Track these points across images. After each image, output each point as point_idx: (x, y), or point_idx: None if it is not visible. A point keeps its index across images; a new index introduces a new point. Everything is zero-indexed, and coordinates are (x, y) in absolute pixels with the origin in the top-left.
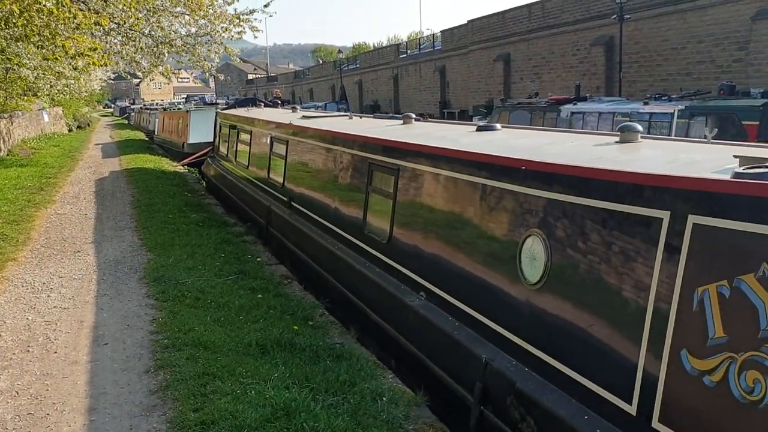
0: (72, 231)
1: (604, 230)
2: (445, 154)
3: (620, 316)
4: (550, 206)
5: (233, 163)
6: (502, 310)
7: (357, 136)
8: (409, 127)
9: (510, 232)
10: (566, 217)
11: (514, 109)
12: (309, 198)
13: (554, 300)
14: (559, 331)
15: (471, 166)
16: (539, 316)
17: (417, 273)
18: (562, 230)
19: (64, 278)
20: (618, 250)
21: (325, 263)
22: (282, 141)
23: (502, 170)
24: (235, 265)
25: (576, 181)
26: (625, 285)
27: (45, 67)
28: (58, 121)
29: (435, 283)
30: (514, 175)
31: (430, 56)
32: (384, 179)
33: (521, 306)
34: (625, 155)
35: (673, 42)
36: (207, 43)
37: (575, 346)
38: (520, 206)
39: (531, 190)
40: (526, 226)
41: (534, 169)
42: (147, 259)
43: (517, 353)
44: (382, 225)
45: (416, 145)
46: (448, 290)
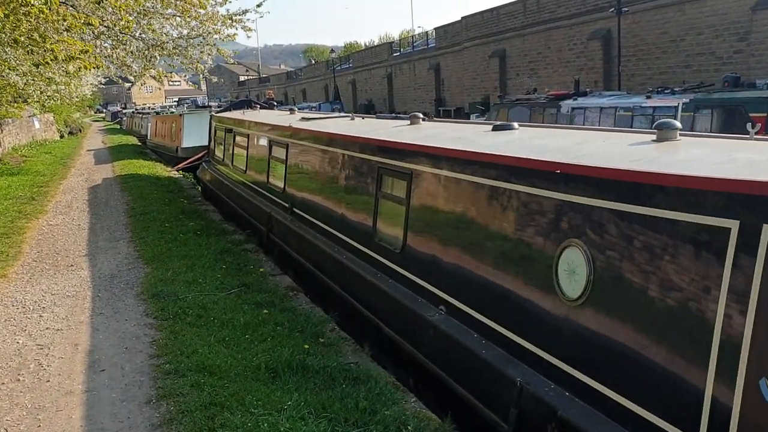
0: (65, 243)
1: (658, 242)
2: (465, 156)
3: (681, 337)
4: (592, 214)
5: (230, 167)
6: (536, 328)
7: (365, 139)
8: (418, 127)
9: (544, 243)
10: (611, 226)
11: (513, 106)
12: (312, 204)
13: (599, 318)
14: (606, 353)
15: (496, 170)
16: (582, 335)
17: (435, 285)
18: (606, 241)
19: (57, 296)
20: (676, 263)
21: (332, 273)
22: (282, 144)
23: (532, 174)
24: (237, 277)
25: (623, 186)
26: (685, 303)
27: (35, 73)
28: (49, 127)
29: (456, 297)
30: (547, 180)
31: (424, 54)
32: (395, 184)
33: (560, 323)
34: (670, 156)
35: (671, 34)
36: (199, 45)
37: (626, 370)
38: (555, 214)
39: (568, 196)
40: (563, 236)
41: (571, 172)
42: (144, 272)
43: (557, 376)
44: (394, 233)
45: (432, 148)
46: (472, 304)
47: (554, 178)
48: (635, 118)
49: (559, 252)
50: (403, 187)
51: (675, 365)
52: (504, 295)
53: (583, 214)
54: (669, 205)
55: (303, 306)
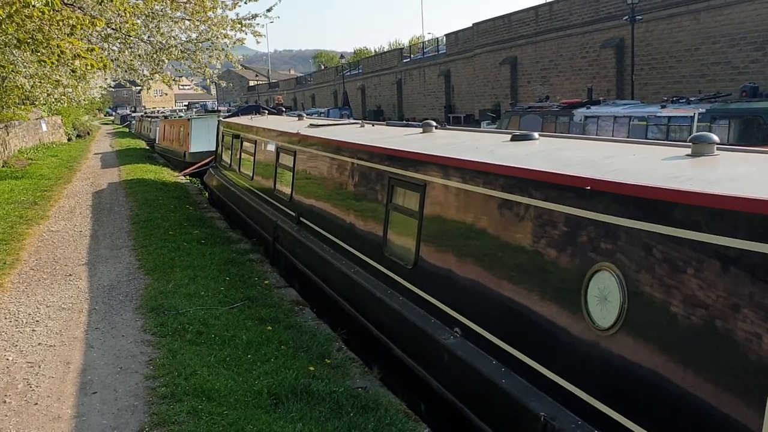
0: (65, 251)
1: (706, 269)
2: (484, 169)
3: (730, 373)
4: (627, 236)
5: (237, 173)
6: (563, 357)
7: (376, 148)
8: (431, 136)
9: (571, 265)
10: (650, 250)
11: (525, 114)
12: (319, 213)
13: (636, 350)
14: (643, 389)
15: (518, 184)
16: (615, 368)
17: (450, 305)
18: (644, 266)
19: (52, 308)
20: (727, 294)
21: (339, 288)
22: (289, 151)
23: (558, 190)
24: (241, 290)
25: (662, 206)
26: (735, 336)
27: (42, 75)
28: (56, 130)
29: (473, 319)
30: (575, 197)
31: (435, 60)
32: (407, 196)
33: (589, 353)
34: (710, 173)
35: (686, 43)
36: (208, 50)
37: (666, 408)
38: (584, 234)
39: (599, 215)
40: (594, 259)
41: (604, 189)
42: (144, 284)
43: (585, 411)
44: (405, 247)
45: (448, 159)
46: (490, 328)
47: (584, 194)
48: (650, 128)
49: (589, 276)
50: (415, 199)
51: (724, 404)
52: (526, 319)
53: (617, 236)
54: (720, 230)
55: (309, 322)
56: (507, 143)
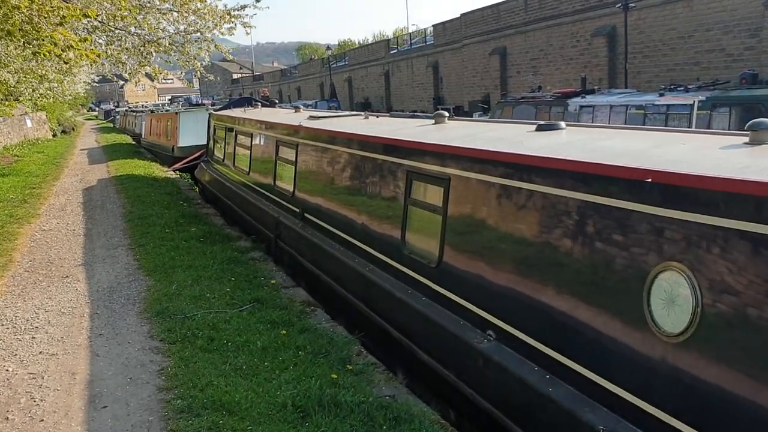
0: (59, 251)
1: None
2: (519, 161)
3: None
4: (701, 232)
5: (231, 168)
6: (621, 365)
7: (392, 140)
8: (446, 127)
9: (628, 265)
10: (725, 247)
11: (518, 104)
12: (326, 210)
13: (712, 358)
14: (723, 404)
15: (560, 177)
16: (686, 378)
17: (481, 306)
18: (719, 265)
19: (51, 312)
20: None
21: (354, 288)
22: (291, 145)
23: (611, 183)
24: (248, 291)
25: (740, 199)
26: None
27: (27, 69)
28: (41, 126)
29: (509, 321)
30: (633, 190)
31: (422, 51)
32: (429, 191)
33: (655, 362)
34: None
35: (679, 31)
36: (197, 41)
37: (749, 423)
38: (645, 231)
39: (664, 210)
40: (658, 258)
41: (670, 182)
42: (146, 285)
43: (650, 426)
44: (428, 245)
45: (477, 151)
46: (530, 332)
47: (643, 188)
48: (648, 117)
49: (652, 277)
50: (438, 194)
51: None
52: (574, 323)
53: (688, 233)
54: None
55: (323, 325)
56: (533, 133)
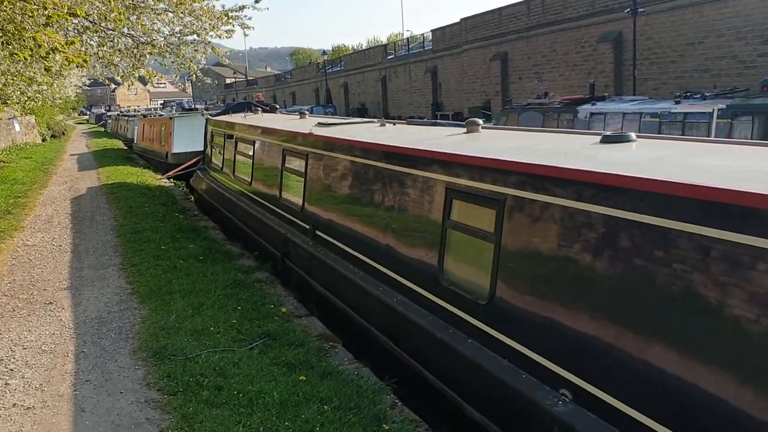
0: (43, 270)
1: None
2: (607, 182)
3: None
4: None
5: (231, 177)
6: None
7: (430, 153)
8: (484, 137)
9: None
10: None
11: (524, 111)
12: (342, 228)
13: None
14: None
15: (674, 205)
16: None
17: (551, 357)
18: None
19: (30, 350)
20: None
21: (378, 322)
22: (300, 154)
23: (752, 216)
24: (256, 321)
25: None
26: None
27: (15, 71)
28: (30, 130)
29: (591, 378)
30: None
31: (421, 57)
32: (477, 213)
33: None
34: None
35: (689, 37)
36: (192, 43)
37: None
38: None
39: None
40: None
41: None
42: (140, 315)
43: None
44: (475, 277)
45: (544, 168)
46: (618, 392)
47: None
48: (663, 125)
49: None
50: (489, 217)
51: None
52: (685, 387)
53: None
54: None
55: (346, 366)
56: (601, 146)
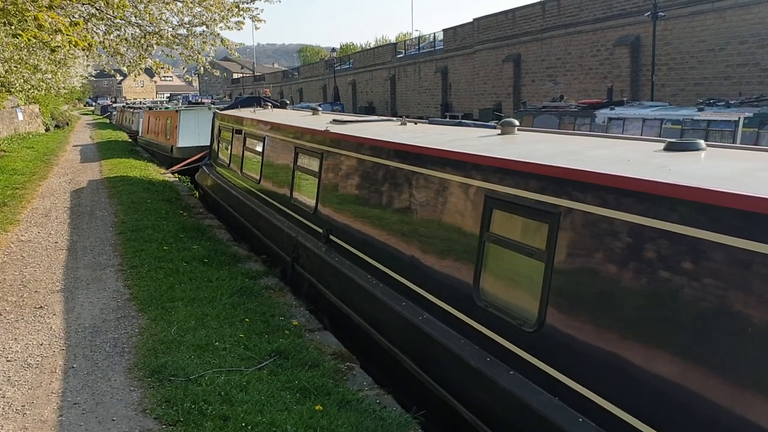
0: (36, 269)
1: None
2: (697, 198)
3: None
4: None
5: (238, 174)
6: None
7: (467, 156)
8: (524, 139)
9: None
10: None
11: (539, 113)
12: (360, 234)
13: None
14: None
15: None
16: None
17: (615, 400)
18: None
19: (14, 364)
20: None
21: (402, 342)
22: (314, 153)
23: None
24: (266, 336)
25: None
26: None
27: (18, 59)
28: (34, 119)
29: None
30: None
31: (431, 56)
32: (524, 226)
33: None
34: None
35: (709, 43)
36: (201, 35)
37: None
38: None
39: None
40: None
41: None
42: (138, 325)
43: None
44: (520, 300)
45: (611, 178)
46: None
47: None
48: (685, 132)
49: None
50: (540, 231)
51: None
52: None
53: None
54: None
55: (366, 393)
56: (666, 153)
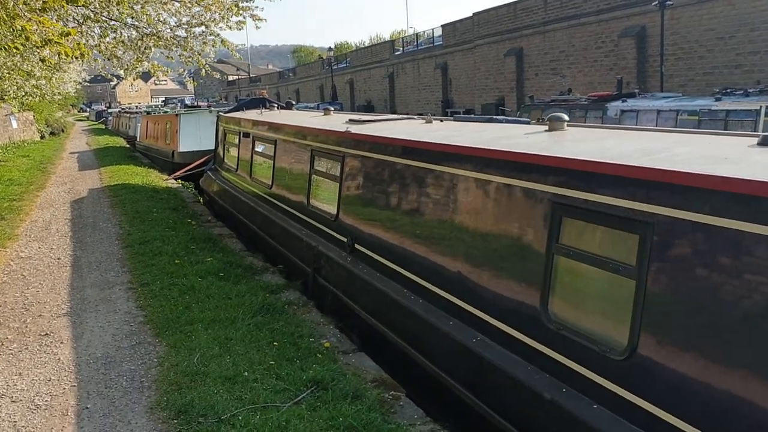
0: (38, 290)
1: None
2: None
3: None
4: None
5: (247, 180)
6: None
7: (527, 156)
8: (579, 137)
9: None
10: None
11: (548, 107)
12: (391, 245)
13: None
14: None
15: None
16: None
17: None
18: None
19: (20, 404)
20: None
21: (456, 369)
22: (334, 156)
23: None
24: (297, 362)
25: None
26: None
27: (11, 65)
28: (28, 127)
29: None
30: None
31: (430, 52)
32: (608, 238)
33: None
34: None
35: (718, 31)
36: (201, 35)
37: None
38: None
39: None
40: None
41: None
42: (156, 354)
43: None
44: (604, 323)
45: (717, 180)
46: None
47: None
48: (703, 123)
49: None
50: (628, 244)
51: None
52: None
53: None
54: None
55: (420, 428)
56: (755, 148)
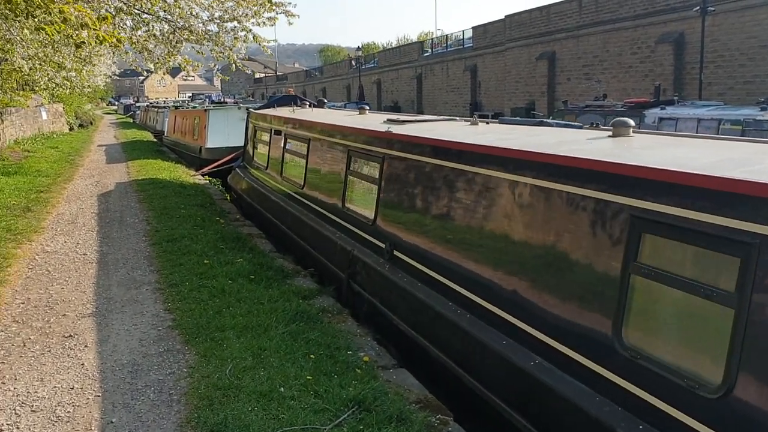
0: (63, 287)
1: None
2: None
3: None
4: None
5: (278, 179)
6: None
7: (604, 164)
8: (648, 144)
9: None
10: None
11: (582, 113)
12: (437, 254)
13: None
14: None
15: None
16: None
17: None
18: None
19: (40, 415)
20: None
21: (513, 395)
22: (373, 157)
23: None
24: (336, 378)
25: None
26: None
27: (43, 56)
28: (58, 118)
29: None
30: None
31: (460, 54)
32: (700, 260)
33: None
34: None
35: (762, 39)
36: (233, 30)
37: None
38: None
39: None
40: None
41: None
42: (186, 364)
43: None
44: (694, 357)
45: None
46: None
47: None
48: (747, 133)
49: None
50: (728, 267)
51: None
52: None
53: None
54: None
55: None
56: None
